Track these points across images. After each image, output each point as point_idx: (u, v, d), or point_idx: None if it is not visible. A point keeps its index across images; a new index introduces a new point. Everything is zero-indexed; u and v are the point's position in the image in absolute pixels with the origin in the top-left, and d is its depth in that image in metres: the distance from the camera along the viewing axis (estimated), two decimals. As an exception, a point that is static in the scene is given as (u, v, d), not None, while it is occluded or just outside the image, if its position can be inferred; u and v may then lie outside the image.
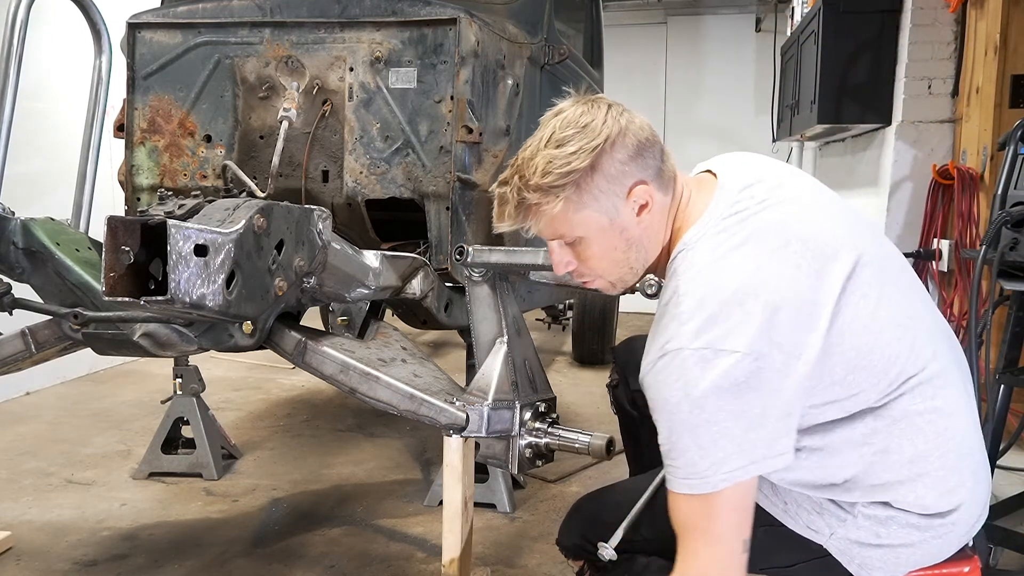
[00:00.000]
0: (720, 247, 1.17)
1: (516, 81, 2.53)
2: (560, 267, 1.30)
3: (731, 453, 1.11)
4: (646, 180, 1.21)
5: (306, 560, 2.34)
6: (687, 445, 1.12)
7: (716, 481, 1.11)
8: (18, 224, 1.87)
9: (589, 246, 1.24)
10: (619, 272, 1.28)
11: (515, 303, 1.73)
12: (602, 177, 1.19)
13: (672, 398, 1.12)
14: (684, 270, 1.18)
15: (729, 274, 1.14)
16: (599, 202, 1.20)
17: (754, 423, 1.11)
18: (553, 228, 1.23)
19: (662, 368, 1.13)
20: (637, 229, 1.23)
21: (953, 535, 1.24)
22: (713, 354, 1.09)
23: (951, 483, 1.22)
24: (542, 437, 1.63)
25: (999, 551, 2.16)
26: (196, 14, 2.44)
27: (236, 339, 1.69)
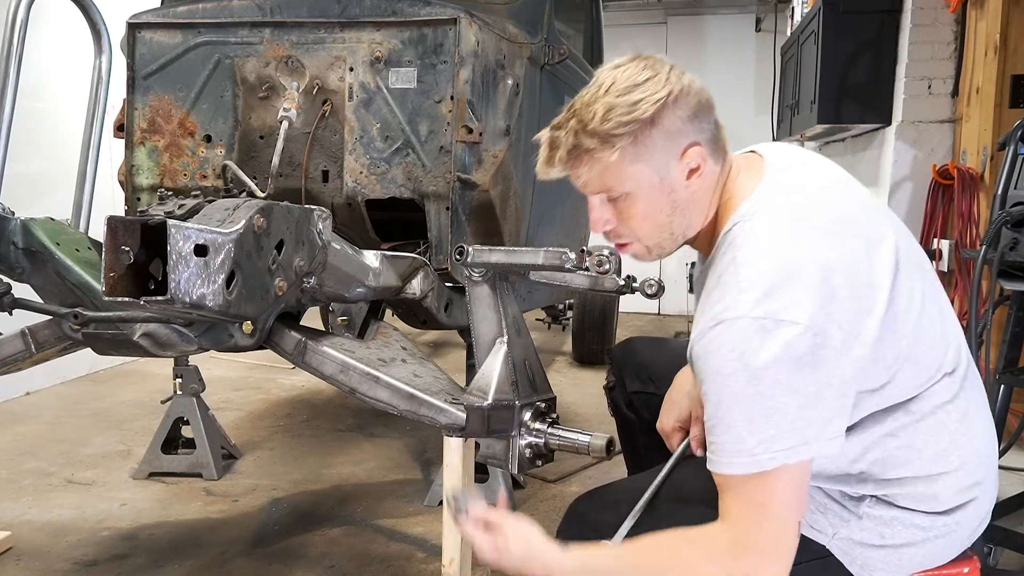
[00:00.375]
0: (781, 221, 1.16)
1: (516, 81, 2.53)
2: (598, 225, 1.27)
3: (784, 431, 1.08)
4: (700, 143, 1.19)
5: (306, 560, 2.34)
6: (736, 420, 1.09)
7: (765, 460, 1.08)
8: (18, 224, 1.87)
9: (634, 203, 1.21)
10: (659, 237, 1.25)
11: (515, 303, 1.73)
12: (660, 132, 1.16)
13: (725, 368, 1.09)
14: (743, 241, 1.16)
15: (792, 247, 1.12)
16: (653, 158, 1.17)
17: (809, 401, 1.08)
18: (602, 180, 1.20)
19: (716, 336, 1.10)
20: (685, 193, 1.21)
21: (957, 535, 1.24)
22: (774, 324, 1.07)
23: (967, 483, 1.22)
24: (542, 437, 1.63)
25: (999, 551, 2.16)
26: (196, 14, 2.44)
27: (236, 339, 1.69)
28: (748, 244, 1.15)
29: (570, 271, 1.51)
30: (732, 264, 1.15)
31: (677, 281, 6.61)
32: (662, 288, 1.53)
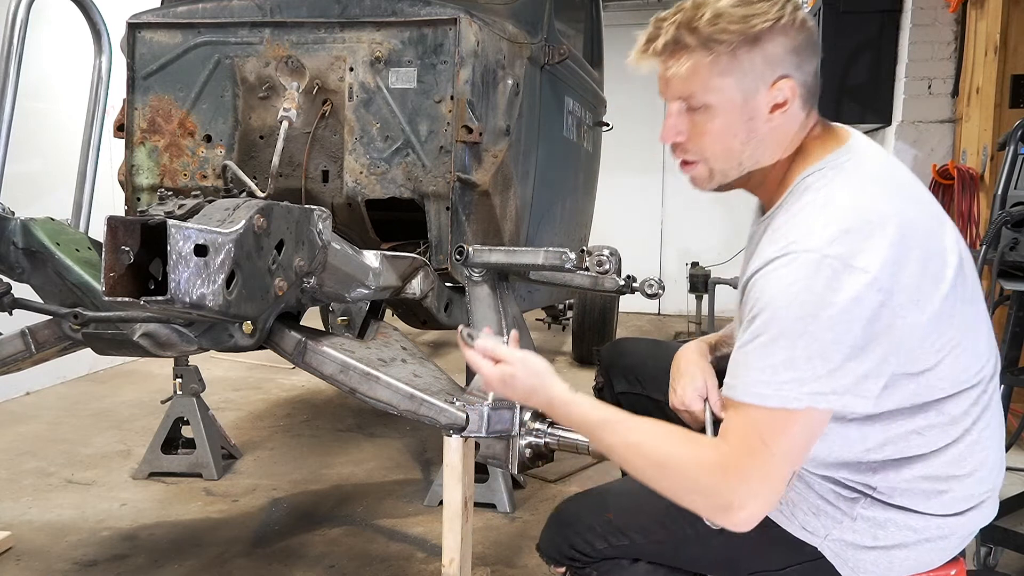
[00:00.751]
0: (866, 177, 1.15)
1: (516, 81, 2.53)
2: (669, 134, 1.24)
3: (820, 376, 1.06)
4: (794, 79, 1.16)
5: (306, 560, 2.34)
6: (776, 352, 1.07)
7: (790, 398, 1.06)
8: (18, 224, 1.87)
9: (711, 119, 1.18)
10: (725, 163, 1.22)
11: (515, 303, 1.73)
12: (760, 54, 1.14)
13: (782, 299, 1.07)
14: (825, 186, 1.15)
15: (875, 200, 1.11)
16: (745, 77, 1.15)
17: (855, 354, 1.06)
18: (688, 83, 1.17)
19: (781, 266, 1.08)
20: (765, 126, 1.18)
21: (949, 541, 1.22)
22: (844, 267, 1.05)
23: (974, 491, 1.21)
24: (542, 437, 1.63)
25: (999, 551, 2.16)
26: (196, 14, 2.44)
27: (236, 339, 1.69)
28: (831, 189, 1.14)
29: (570, 271, 1.51)
30: (810, 205, 1.13)
31: (677, 281, 6.61)
32: (662, 288, 1.53)
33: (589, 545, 1.38)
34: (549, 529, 1.46)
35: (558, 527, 1.44)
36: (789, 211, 1.17)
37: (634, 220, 6.79)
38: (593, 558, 1.39)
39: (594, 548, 1.38)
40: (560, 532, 1.43)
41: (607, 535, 1.37)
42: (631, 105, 6.31)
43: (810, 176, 1.18)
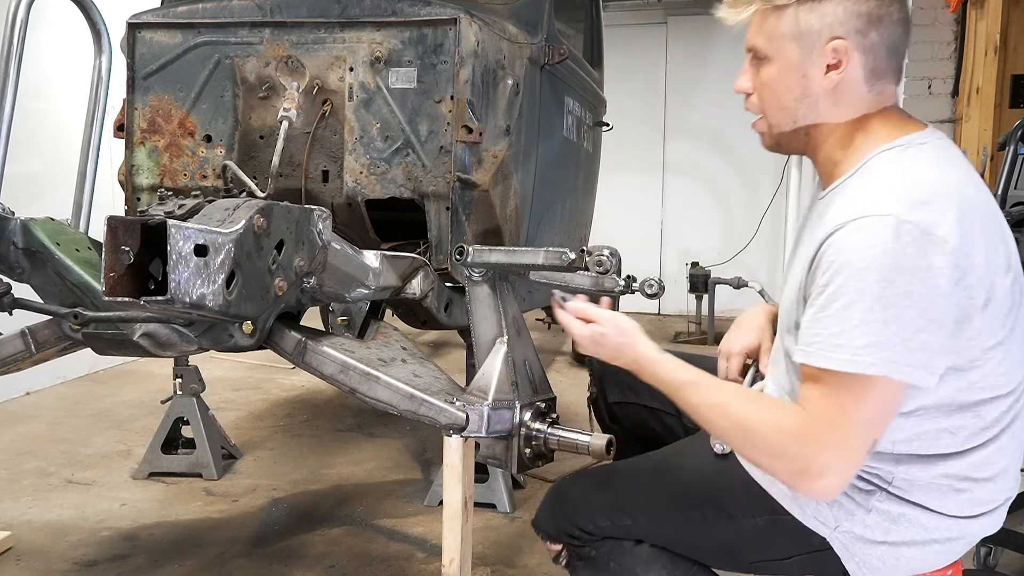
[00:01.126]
0: (948, 160, 1.16)
1: (516, 81, 2.53)
2: (739, 85, 1.29)
3: (894, 343, 1.05)
4: (848, 41, 1.17)
5: (306, 560, 2.34)
6: (852, 316, 1.06)
7: (867, 363, 1.05)
8: (18, 224, 1.87)
9: (770, 72, 1.22)
10: (780, 116, 1.25)
11: (515, 303, 1.73)
12: (818, 13, 1.16)
13: (860, 262, 1.06)
14: (906, 159, 1.15)
15: (957, 182, 1.12)
16: (802, 34, 1.18)
17: (930, 326, 1.06)
18: (756, 34, 1.23)
19: (860, 228, 1.07)
20: (819, 86, 1.19)
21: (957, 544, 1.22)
22: (923, 235, 1.04)
23: (992, 496, 1.21)
24: (542, 437, 1.63)
25: (999, 551, 2.16)
26: (196, 14, 2.44)
27: (236, 339, 1.69)
28: (912, 164, 1.14)
29: (570, 271, 1.51)
30: (890, 174, 1.13)
31: (677, 281, 6.61)
32: (662, 288, 1.52)
33: (591, 523, 1.36)
34: (548, 505, 1.44)
35: (559, 503, 1.42)
36: (866, 181, 1.16)
37: (634, 220, 6.78)
38: (594, 536, 1.36)
39: (596, 526, 1.36)
40: (561, 508, 1.41)
41: (611, 513, 1.35)
42: (631, 105, 6.33)
43: (889, 151, 1.18)
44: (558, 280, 1.61)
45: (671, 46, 6.75)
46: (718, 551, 1.35)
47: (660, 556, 1.35)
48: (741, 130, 7.05)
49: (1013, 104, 3.46)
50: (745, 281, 5.41)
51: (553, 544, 1.42)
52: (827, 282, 1.10)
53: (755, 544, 1.30)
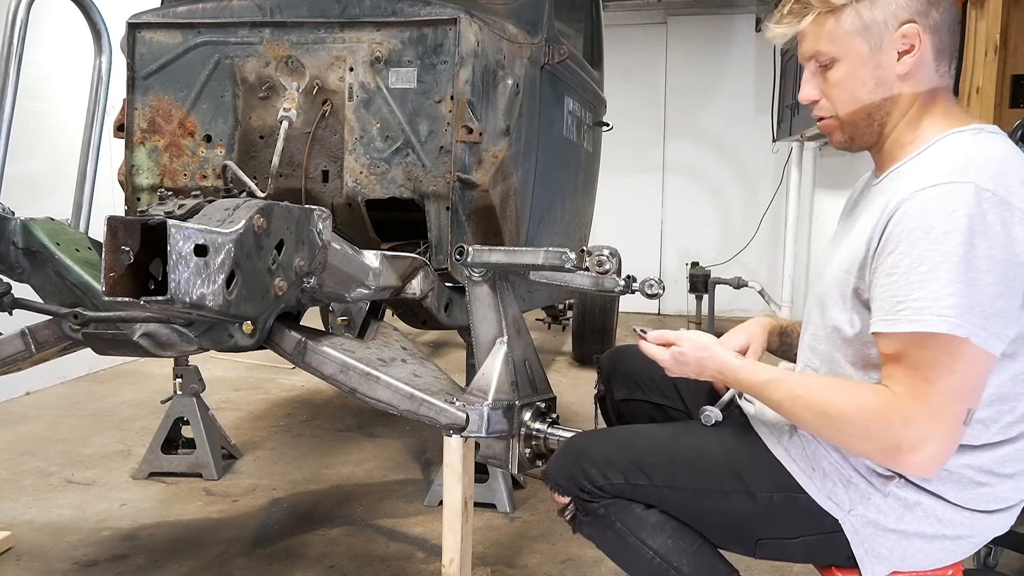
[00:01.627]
0: (1013, 149, 1.17)
1: (516, 81, 2.53)
2: (806, 92, 1.29)
3: (974, 308, 1.05)
4: (919, 24, 1.19)
5: (306, 560, 2.34)
6: (938, 278, 1.06)
7: (953, 324, 1.05)
8: (18, 224, 1.87)
9: (839, 72, 1.23)
10: (855, 113, 1.25)
11: (515, 303, 1.73)
12: (882, 4, 1.19)
13: (942, 226, 1.07)
14: (976, 142, 1.16)
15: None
16: (868, 30, 1.20)
17: (1007, 293, 1.07)
18: (815, 41, 1.24)
19: (939, 195, 1.09)
20: (891, 72, 1.21)
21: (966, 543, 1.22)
22: (1001, 203, 1.06)
23: (1010, 495, 1.21)
24: (542, 437, 1.63)
25: (999, 551, 2.16)
26: (196, 14, 2.44)
27: (236, 339, 1.69)
28: (984, 145, 1.16)
29: (570, 271, 1.51)
30: (962, 150, 1.14)
31: (677, 281, 6.62)
32: (662, 288, 1.53)
33: (605, 478, 1.35)
34: (563, 456, 1.43)
35: (575, 455, 1.41)
36: (938, 155, 1.17)
37: (634, 220, 6.79)
38: (606, 493, 1.36)
39: (610, 483, 1.35)
40: (576, 461, 1.39)
41: (626, 471, 1.35)
42: (631, 105, 6.33)
43: (957, 135, 1.19)
44: (558, 280, 1.61)
45: (671, 46, 6.75)
46: (728, 523, 1.34)
47: (668, 524, 1.35)
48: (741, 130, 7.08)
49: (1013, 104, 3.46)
50: (745, 281, 5.41)
51: (561, 496, 1.40)
52: (907, 251, 1.10)
53: (766, 520, 1.30)
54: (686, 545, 1.34)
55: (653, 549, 1.34)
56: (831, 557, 1.27)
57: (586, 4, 3.93)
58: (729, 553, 1.40)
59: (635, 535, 1.34)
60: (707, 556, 1.36)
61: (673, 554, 1.33)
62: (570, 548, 2.38)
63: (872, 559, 1.22)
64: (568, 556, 2.35)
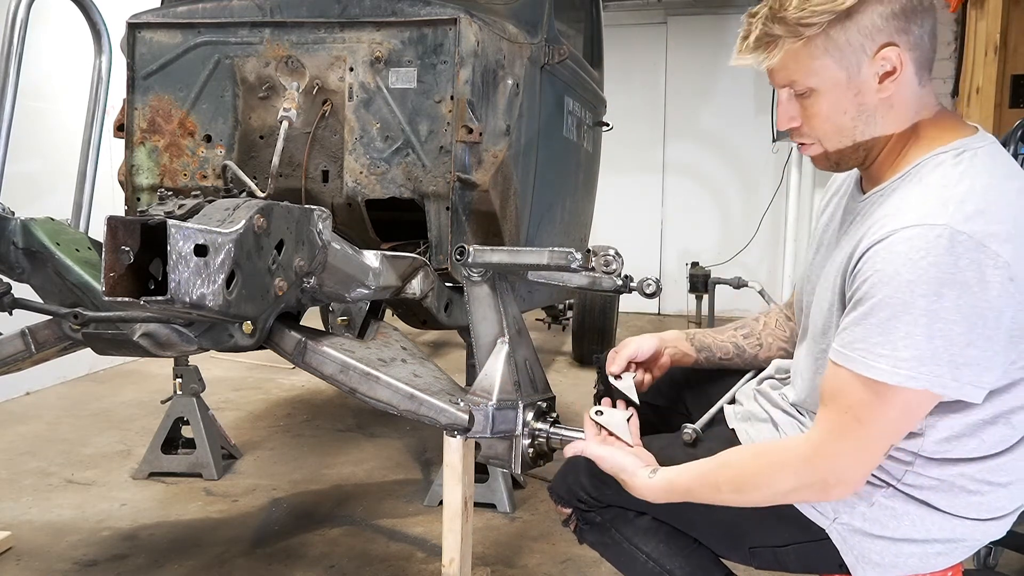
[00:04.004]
0: (1003, 166, 1.13)
1: (516, 81, 2.53)
2: (783, 121, 1.24)
3: (940, 358, 1.03)
4: (899, 45, 1.12)
5: (306, 560, 2.34)
6: (897, 327, 1.03)
7: (905, 377, 1.03)
8: (18, 224, 1.87)
9: (818, 101, 1.17)
10: (838, 141, 1.20)
11: (515, 303, 1.73)
12: (855, 27, 1.11)
13: (907, 274, 1.03)
14: (960, 164, 1.11)
15: (1012, 190, 1.09)
16: (843, 54, 1.13)
17: (979, 340, 1.03)
18: (787, 71, 1.18)
19: (909, 239, 1.04)
20: (874, 97, 1.15)
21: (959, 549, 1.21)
22: (976, 247, 1.01)
23: (1008, 506, 1.20)
24: (545, 437, 1.63)
25: (999, 551, 2.16)
26: (196, 14, 2.44)
27: (236, 339, 1.68)
28: (967, 169, 1.10)
29: (576, 271, 1.51)
30: (944, 179, 1.09)
31: (677, 281, 6.62)
32: (660, 288, 1.52)
33: (599, 490, 1.39)
34: (564, 470, 1.47)
35: (572, 469, 1.45)
36: (917, 186, 1.13)
37: (634, 220, 6.79)
38: (600, 503, 1.40)
39: (604, 494, 1.39)
40: (573, 474, 1.44)
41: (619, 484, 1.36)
42: (631, 105, 6.33)
43: (943, 154, 1.14)
44: (555, 280, 1.61)
45: (671, 46, 6.75)
46: (719, 531, 1.35)
47: (660, 529, 1.38)
48: (741, 130, 7.07)
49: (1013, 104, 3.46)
50: (745, 281, 5.41)
51: (564, 507, 1.46)
52: (872, 292, 1.07)
53: (755, 528, 1.30)
54: (678, 549, 1.37)
55: (646, 553, 1.37)
56: (825, 565, 1.27)
57: (586, 4, 3.93)
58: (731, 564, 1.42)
59: (630, 541, 1.38)
60: (701, 559, 1.38)
61: (666, 557, 1.36)
62: (570, 548, 2.38)
63: (864, 565, 1.21)
64: (568, 556, 2.35)
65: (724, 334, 1.62)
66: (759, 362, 1.59)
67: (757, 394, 1.45)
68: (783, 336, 1.59)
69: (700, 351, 1.60)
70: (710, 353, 1.60)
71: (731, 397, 1.50)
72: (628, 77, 6.45)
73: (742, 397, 1.49)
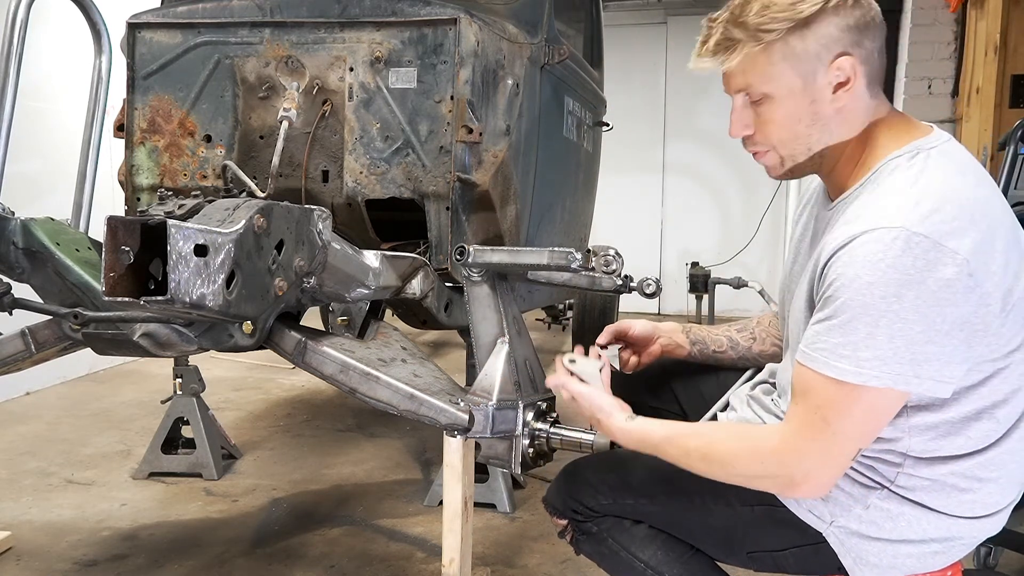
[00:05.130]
0: (956, 163, 1.14)
1: (516, 81, 2.53)
2: (736, 128, 1.25)
3: (902, 356, 1.05)
4: (854, 56, 1.15)
5: (306, 560, 2.34)
6: (858, 329, 1.06)
7: (869, 376, 1.06)
8: (18, 224, 1.87)
9: (773, 108, 1.19)
10: (793, 148, 1.22)
11: (514, 303, 1.73)
12: (813, 36, 1.14)
13: (866, 276, 1.05)
14: (913, 167, 1.13)
15: (965, 187, 1.11)
16: (800, 61, 1.15)
17: (938, 337, 1.05)
18: (744, 76, 1.19)
19: (867, 243, 1.07)
20: (829, 107, 1.17)
21: (956, 546, 1.22)
22: (933, 247, 1.04)
23: (1000, 501, 1.20)
24: (545, 436, 1.63)
25: (999, 551, 2.16)
26: (196, 14, 2.44)
27: (236, 339, 1.69)
28: (921, 171, 1.13)
29: (576, 271, 1.51)
30: (899, 184, 1.12)
31: (677, 281, 6.62)
32: (659, 287, 1.53)
33: (594, 499, 1.40)
34: (558, 482, 1.48)
35: (567, 480, 1.46)
36: (875, 191, 1.15)
37: (634, 220, 6.79)
38: (596, 513, 1.40)
39: (599, 503, 1.40)
40: (568, 485, 1.45)
41: (614, 492, 1.39)
42: (631, 105, 6.32)
43: (897, 159, 1.16)
44: (555, 279, 1.61)
45: (671, 46, 6.75)
46: (716, 537, 1.36)
47: (657, 537, 1.38)
48: (741, 130, 7.01)
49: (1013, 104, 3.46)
50: (745, 281, 5.41)
51: (559, 519, 1.47)
52: (831, 295, 1.10)
53: (752, 533, 1.31)
54: (676, 556, 1.37)
55: (643, 561, 1.38)
56: (824, 567, 1.27)
57: (586, 4, 3.93)
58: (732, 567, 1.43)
59: (626, 549, 1.39)
60: (700, 565, 1.39)
61: (664, 565, 1.37)
62: (570, 548, 2.38)
63: (863, 567, 1.22)
64: (568, 556, 2.35)
65: (718, 330, 1.65)
66: (752, 355, 1.60)
67: (751, 400, 1.46)
68: (776, 334, 1.60)
69: (694, 344, 1.62)
70: (704, 346, 1.62)
71: (725, 402, 1.51)
72: (628, 77, 6.45)
73: (736, 402, 1.49)
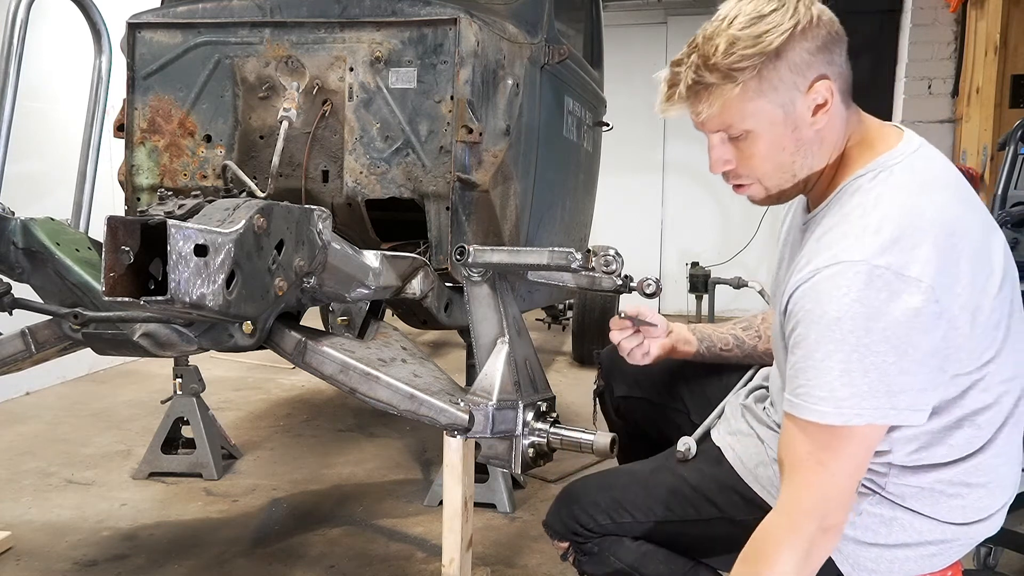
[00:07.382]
0: (917, 179, 1.13)
1: (516, 81, 2.53)
2: (717, 165, 1.23)
3: (877, 391, 1.04)
4: (829, 77, 1.14)
5: (306, 560, 2.34)
6: (832, 367, 1.05)
7: (850, 415, 1.05)
8: (18, 224, 1.87)
9: (756, 142, 1.17)
10: (780, 178, 1.20)
11: (515, 303, 1.73)
12: (786, 66, 1.12)
13: (833, 312, 1.04)
14: (873, 188, 1.12)
15: (924, 206, 1.09)
16: (777, 92, 1.13)
17: (911, 367, 1.05)
18: (722, 117, 1.16)
19: (830, 277, 1.06)
20: (810, 131, 1.16)
21: (953, 548, 1.22)
22: (896, 278, 1.03)
23: (987, 503, 1.20)
24: (545, 436, 1.63)
25: (999, 551, 2.16)
26: (196, 14, 2.44)
27: (236, 339, 1.68)
28: (879, 193, 1.12)
29: (576, 271, 1.51)
30: (857, 210, 1.11)
31: (677, 281, 6.61)
32: (659, 288, 1.53)
33: (592, 520, 1.40)
34: (556, 505, 1.48)
35: (565, 503, 1.46)
36: (837, 214, 1.15)
37: (634, 220, 6.78)
38: (596, 533, 1.40)
39: (597, 523, 1.39)
40: (566, 507, 1.45)
41: (610, 511, 1.39)
42: (631, 105, 6.30)
43: (860, 178, 1.16)
44: (555, 279, 1.61)
45: (671, 46, 6.74)
46: (718, 548, 1.36)
47: (657, 552, 1.39)
48: (741, 130, 7.00)
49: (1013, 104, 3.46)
50: (745, 281, 5.41)
51: (560, 542, 1.46)
52: (802, 333, 1.09)
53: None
54: (679, 569, 1.38)
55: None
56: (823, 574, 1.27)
57: (586, 4, 3.93)
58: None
59: (630, 566, 1.39)
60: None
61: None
62: (570, 548, 2.38)
63: (861, 573, 1.22)
64: (568, 556, 2.35)
65: (724, 328, 1.65)
66: (758, 353, 1.60)
67: (744, 409, 1.46)
68: None
69: (702, 341, 1.63)
70: (711, 343, 1.63)
71: (721, 410, 1.51)
72: (628, 77, 6.42)
73: (729, 411, 1.50)
